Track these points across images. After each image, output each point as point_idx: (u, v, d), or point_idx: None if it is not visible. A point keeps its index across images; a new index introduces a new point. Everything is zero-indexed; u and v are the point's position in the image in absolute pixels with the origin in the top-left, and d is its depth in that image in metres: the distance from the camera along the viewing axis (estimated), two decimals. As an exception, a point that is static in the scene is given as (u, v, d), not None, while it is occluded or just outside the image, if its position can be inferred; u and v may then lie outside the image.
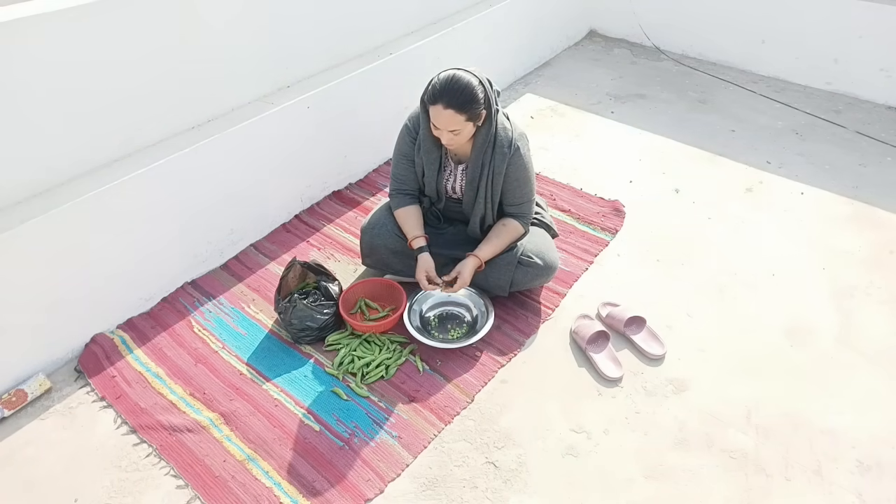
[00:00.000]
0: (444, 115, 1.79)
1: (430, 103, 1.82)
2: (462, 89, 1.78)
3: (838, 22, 3.33)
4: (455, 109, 1.78)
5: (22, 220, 1.79)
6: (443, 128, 1.83)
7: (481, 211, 2.06)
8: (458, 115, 1.79)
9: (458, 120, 1.80)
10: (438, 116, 1.81)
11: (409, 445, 1.77)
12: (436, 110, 1.80)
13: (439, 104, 1.79)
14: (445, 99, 1.78)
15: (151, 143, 2.12)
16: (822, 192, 2.74)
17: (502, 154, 1.94)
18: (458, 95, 1.78)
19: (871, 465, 1.70)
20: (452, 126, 1.81)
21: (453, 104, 1.78)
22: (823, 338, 2.07)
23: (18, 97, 1.75)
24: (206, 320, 2.17)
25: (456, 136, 1.84)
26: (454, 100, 1.78)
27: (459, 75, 1.80)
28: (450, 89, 1.78)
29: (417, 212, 2.10)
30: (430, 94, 1.82)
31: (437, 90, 1.80)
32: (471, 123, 1.84)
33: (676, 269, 2.35)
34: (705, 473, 1.70)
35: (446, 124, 1.81)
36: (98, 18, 1.83)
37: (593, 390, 1.93)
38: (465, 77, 1.80)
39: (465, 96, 1.78)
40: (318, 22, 2.50)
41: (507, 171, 1.97)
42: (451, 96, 1.78)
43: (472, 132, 1.89)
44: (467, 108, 1.79)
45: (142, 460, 1.75)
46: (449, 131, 1.83)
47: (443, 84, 1.79)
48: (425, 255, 2.03)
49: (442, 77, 1.81)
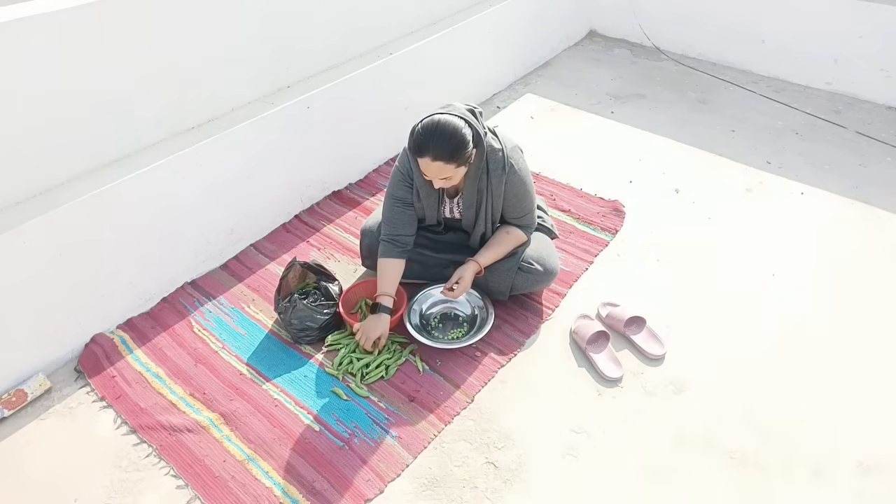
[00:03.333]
0: (434, 167, 1.73)
1: (417, 155, 1.75)
2: (448, 138, 1.70)
3: (838, 22, 3.33)
4: (444, 161, 1.71)
5: (22, 220, 1.79)
6: (433, 177, 1.78)
7: (482, 229, 2.04)
8: (448, 164, 1.73)
9: (448, 169, 1.74)
10: (428, 168, 1.75)
11: (409, 445, 1.77)
12: (424, 163, 1.74)
13: (427, 157, 1.72)
14: (432, 152, 1.71)
15: (151, 143, 2.12)
16: (822, 192, 2.74)
17: (497, 177, 1.89)
18: (444, 146, 1.70)
19: (871, 465, 1.70)
20: (443, 175, 1.76)
21: (441, 156, 1.71)
22: (823, 338, 2.07)
23: (18, 97, 1.75)
24: (206, 320, 2.17)
25: (448, 181, 1.80)
26: (441, 151, 1.70)
27: (444, 123, 1.71)
28: (435, 140, 1.70)
29: (399, 268, 2.01)
30: (415, 146, 1.74)
31: (423, 141, 1.72)
32: (462, 167, 1.78)
33: (676, 269, 2.35)
34: (705, 473, 1.70)
35: (436, 174, 1.76)
36: (98, 18, 1.83)
37: (593, 390, 1.93)
38: (449, 123, 1.71)
39: (453, 145, 1.71)
40: (318, 22, 2.50)
41: (506, 190, 1.93)
42: (437, 148, 1.70)
43: (464, 173, 1.83)
44: (456, 157, 1.72)
45: (142, 460, 1.75)
46: (440, 179, 1.78)
47: (427, 134, 1.71)
48: (384, 316, 1.95)
49: (426, 126, 1.72)
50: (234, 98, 2.33)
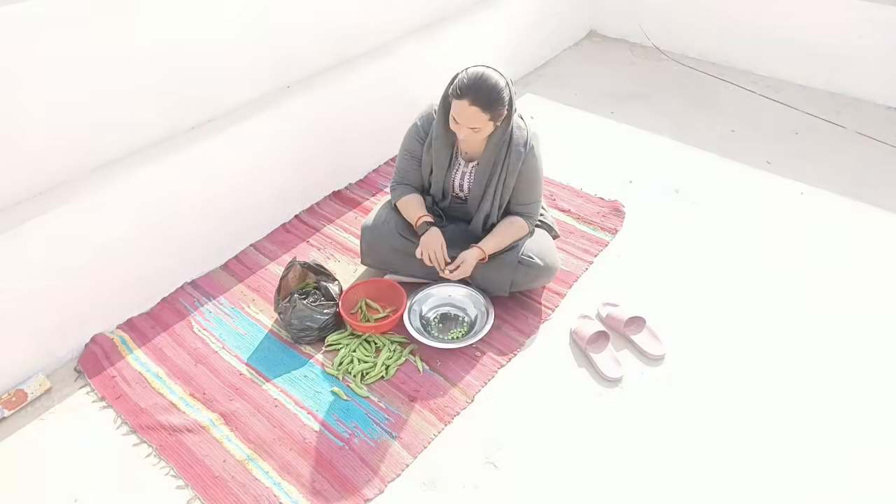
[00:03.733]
0: (469, 112, 1.79)
1: (456, 98, 1.80)
2: (490, 88, 1.78)
3: (838, 22, 3.33)
4: (480, 107, 1.78)
5: (22, 220, 1.79)
6: (464, 123, 1.82)
7: (487, 209, 2.05)
8: (483, 113, 1.79)
9: (482, 118, 1.80)
10: (463, 112, 1.80)
11: (409, 445, 1.77)
12: (461, 105, 1.79)
13: (465, 99, 1.78)
14: (472, 95, 1.77)
15: (151, 143, 2.12)
16: (822, 192, 2.74)
17: (517, 153, 1.94)
18: (485, 94, 1.77)
19: (869, 463, 1.71)
20: (474, 123, 1.81)
21: (479, 102, 1.77)
22: (823, 338, 2.07)
23: (18, 97, 1.75)
24: (206, 320, 2.17)
25: (475, 133, 1.84)
26: (481, 97, 1.77)
27: (488, 74, 1.79)
28: (478, 86, 1.77)
29: (420, 199, 2.10)
30: (456, 88, 1.80)
31: (465, 85, 1.78)
32: (492, 123, 1.84)
33: (676, 269, 2.35)
34: (705, 474, 1.70)
35: (469, 121, 1.80)
36: (98, 18, 1.83)
37: (593, 390, 1.93)
38: (493, 76, 1.79)
39: (493, 95, 1.78)
40: (318, 22, 2.50)
41: (521, 171, 1.97)
42: (478, 93, 1.77)
43: (490, 131, 1.88)
44: (492, 108, 1.79)
45: (142, 460, 1.75)
46: (469, 128, 1.82)
47: (471, 80, 1.78)
48: (435, 230, 2.00)
49: (471, 73, 1.80)
50: (234, 98, 2.33)
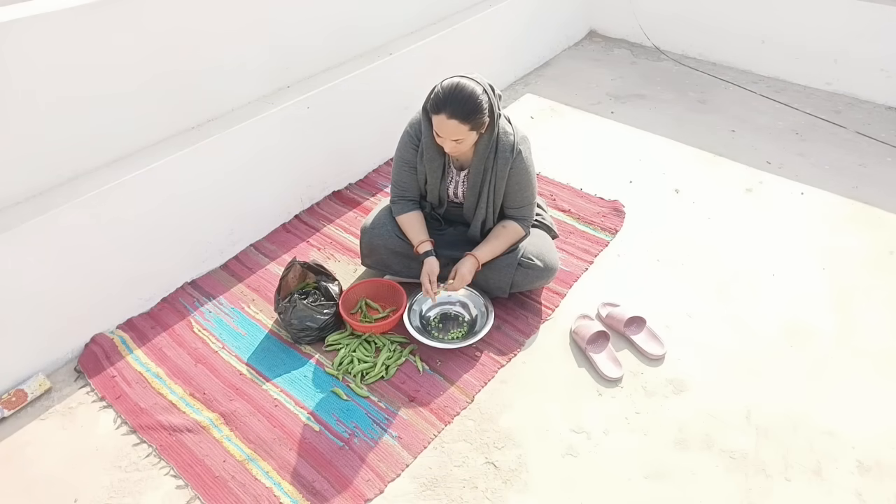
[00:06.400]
0: (448, 125, 1.77)
1: (434, 112, 1.79)
2: (466, 99, 1.75)
3: (838, 22, 3.33)
4: (459, 120, 1.76)
5: (22, 220, 1.79)
6: (446, 137, 1.81)
7: (482, 215, 2.05)
8: (462, 125, 1.77)
9: (462, 130, 1.78)
10: (442, 126, 1.78)
11: (409, 445, 1.77)
12: (439, 120, 1.78)
13: (443, 114, 1.76)
14: (449, 109, 1.75)
15: (151, 143, 2.12)
16: (822, 192, 2.74)
17: (504, 159, 1.92)
18: (461, 105, 1.75)
19: (871, 465, 1.70)
20: (456, 136, 1.79)
21: (457, 114, 1.75)
22: (823, 338, 2.07)
23: (18, 97, 1.75)
24: (206, 320, 2.17)
25: (459, 144, 1.83)
26: (458, 110, 1.75)
27: (463, 84, 1.77)
28: (453, 99, 1.75)
29: (420, 217, 2.08)
30: (433, 103, 1.79)
31: (441, 99, 1.77)
32: (474, 132, 1.82)
33: (676, 270, 2.35)
34: (705, 473, 1.70)
35: (450, 134, 1.79)
36: (98, 18, 1.83)
37: (593, 390, 1.93)
38: (468, 86, 1.77)
39: (469, 106, 1.76)
40: (318, 22, 2.50)
41: (510, 175, 1.96)
42: (454, 106, 1.75)
43: (475, 140, 1.87)
44: (471, 118, 1.77)
45: (142, 460, 1.75)
46: (452, 140, 1.81)
47: (446, 93, 1.76)
48: (431, 259, 2.02)
49: (445, 85, 1.78)
50: (234, 98, 2.33)
